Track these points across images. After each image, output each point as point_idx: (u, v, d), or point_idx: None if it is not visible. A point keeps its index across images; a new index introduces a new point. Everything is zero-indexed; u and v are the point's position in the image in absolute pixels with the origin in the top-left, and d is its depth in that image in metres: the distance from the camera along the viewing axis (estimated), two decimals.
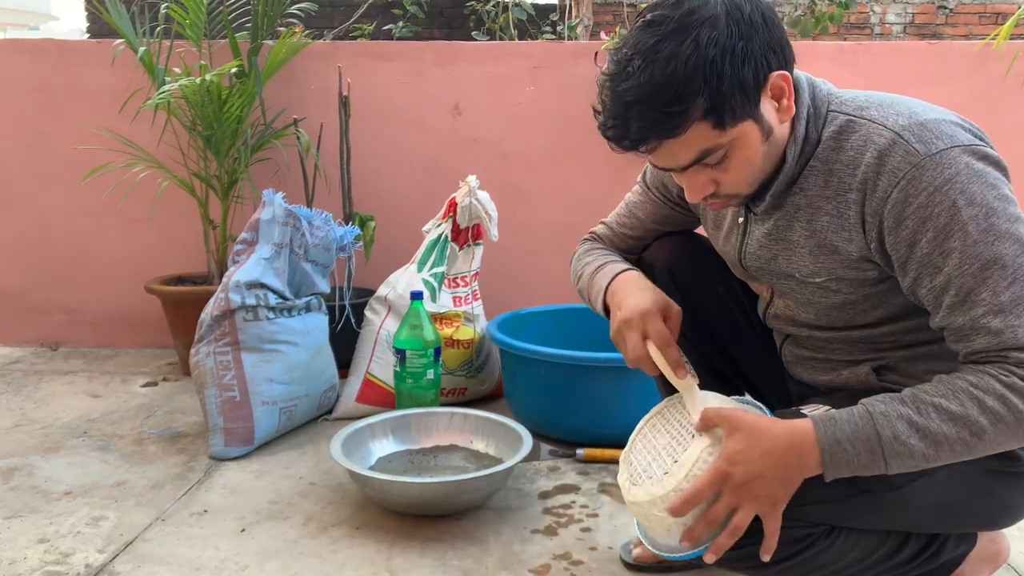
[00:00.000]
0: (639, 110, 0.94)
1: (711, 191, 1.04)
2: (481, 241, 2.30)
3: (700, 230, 1.36)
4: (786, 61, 0.99)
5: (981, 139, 0.99)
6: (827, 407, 1.04)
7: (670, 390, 1.18)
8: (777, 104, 1.00)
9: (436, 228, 2.25)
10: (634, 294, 1.18)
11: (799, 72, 1.05)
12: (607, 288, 1.23)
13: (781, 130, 1.02)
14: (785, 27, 1.13)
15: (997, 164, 0.97)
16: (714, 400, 1.10)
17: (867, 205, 0.99)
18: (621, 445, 1.88)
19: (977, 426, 0.91)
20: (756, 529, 1.01)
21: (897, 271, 1.01)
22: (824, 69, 2.43)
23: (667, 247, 1.34)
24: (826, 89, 1.07)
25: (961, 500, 1.07)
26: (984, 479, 1.06)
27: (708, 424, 1.02)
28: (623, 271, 1.25)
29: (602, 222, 1.41)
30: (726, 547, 1.00)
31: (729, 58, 0.92)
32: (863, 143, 1.00)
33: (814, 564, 1.07)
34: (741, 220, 1.16)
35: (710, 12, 0.93)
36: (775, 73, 0.98)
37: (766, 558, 1.00)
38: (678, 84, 0.92)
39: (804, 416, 1.00)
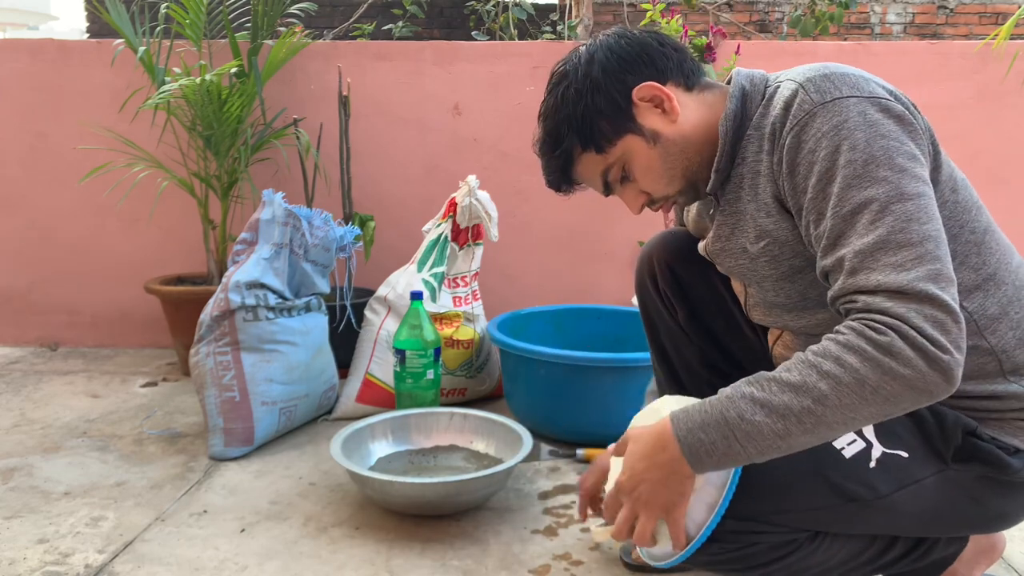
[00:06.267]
0: (543, 163, 1.18)
1: (644, 200, 1.15)
2: (481, 241, 2.30)
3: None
4: (657, 71, 1.10)
5: (896, 98, 0.99)
6: None
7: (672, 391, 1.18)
8: (660, 110, 1.10)
9: (436, 228, 2.25)
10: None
11: (740, 68, 1.14)
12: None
13: (678, 128, 1.10)
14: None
15: (899, 118, 0.96)
16: (672, 403, 1.11)
17: (774, 155, 1.02)
18: None
19: (817, 392, 0.87)
20: (738, 530, 1.02)
21: (796, 221, 1.02)
22: None
23: (668, 244, 1.36)
24: (768, 73, 1.12)
25: (951, 508, 1.05)
26: (975, 487, 1.04)
27: (620, 450, 1.06)
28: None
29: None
30: (640, 547, 1.04)
31: (581, 99, 1.10)
32: (778, 99, 1.03)
33: (799, 567, 1.07)
34: (711, 211, 1.19)
35: (570, 67, 1.12)
36: (640, 87, 1.09)
37: (676, 550, 1.02)
38: (553, 134, 1.14)
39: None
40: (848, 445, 1.02)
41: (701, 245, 1.24)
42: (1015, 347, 1.02)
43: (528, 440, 1.67)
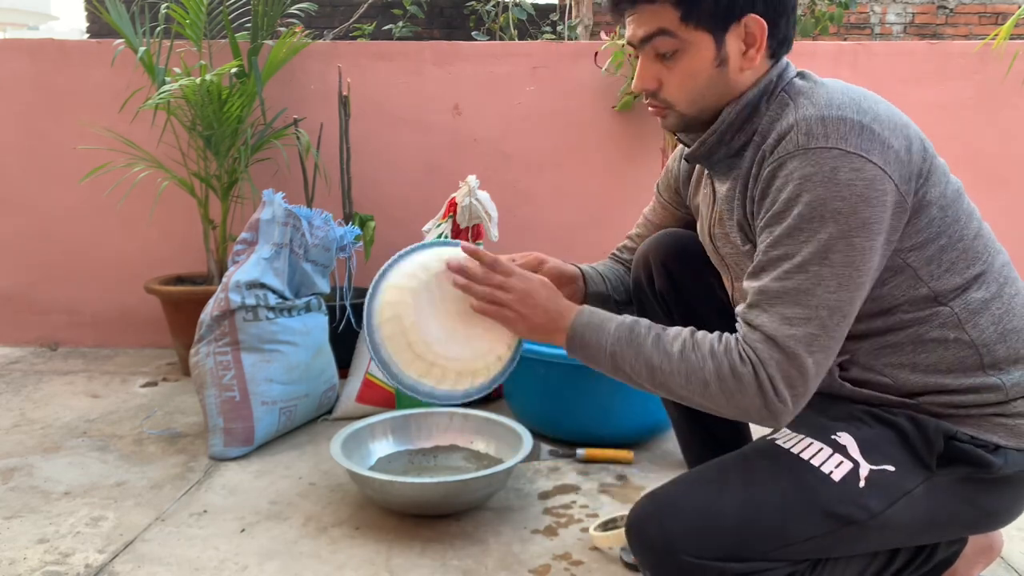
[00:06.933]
0: None
1: (655, 86, 1.11)
2: (481, 241, 2.30)
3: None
4: (773, 22, 1.06)
5: (907, 150, 0.99)
6: None
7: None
8: (745, 48, 1.06)
9: (436, 228, 2.25)
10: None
11: (790, 62, 1.11)
12: None
13: (739, 78, 1.08)
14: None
15: (870, 182, 0.95)
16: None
17: (758, 179, 1.05)
18: (621, 445, 1.89)
19: (673, 365, 1.04)
20: (743, 571, 1.00)
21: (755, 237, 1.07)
22: (824, 69, 2.42)
23: (662, 242, 1.37)
24: (797, 76, 1.10)
25: (944, 513, 1.07)
26: (962, 489, 1.05)
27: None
28: None
29: (627, 235, 1.49)
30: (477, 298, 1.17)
31: None
32: (783, 124, 1.03)
33: None
34: (707, 191, 1.20)
35: None
36: (753, 15, 1.04)
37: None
38: None
39: None
40: (836, 468, 1.02)
41: (705, 231, 1.24)
42: (995, 342, 1.05)
43: (528, 440, 1.67)
